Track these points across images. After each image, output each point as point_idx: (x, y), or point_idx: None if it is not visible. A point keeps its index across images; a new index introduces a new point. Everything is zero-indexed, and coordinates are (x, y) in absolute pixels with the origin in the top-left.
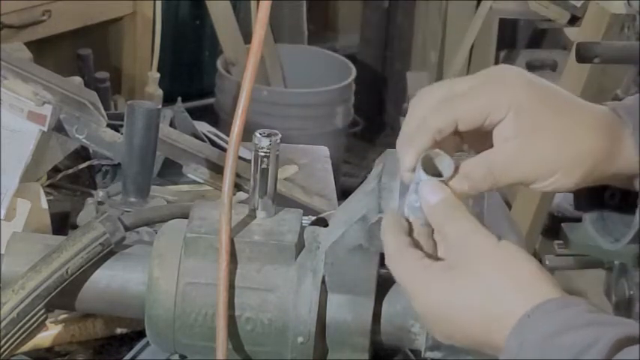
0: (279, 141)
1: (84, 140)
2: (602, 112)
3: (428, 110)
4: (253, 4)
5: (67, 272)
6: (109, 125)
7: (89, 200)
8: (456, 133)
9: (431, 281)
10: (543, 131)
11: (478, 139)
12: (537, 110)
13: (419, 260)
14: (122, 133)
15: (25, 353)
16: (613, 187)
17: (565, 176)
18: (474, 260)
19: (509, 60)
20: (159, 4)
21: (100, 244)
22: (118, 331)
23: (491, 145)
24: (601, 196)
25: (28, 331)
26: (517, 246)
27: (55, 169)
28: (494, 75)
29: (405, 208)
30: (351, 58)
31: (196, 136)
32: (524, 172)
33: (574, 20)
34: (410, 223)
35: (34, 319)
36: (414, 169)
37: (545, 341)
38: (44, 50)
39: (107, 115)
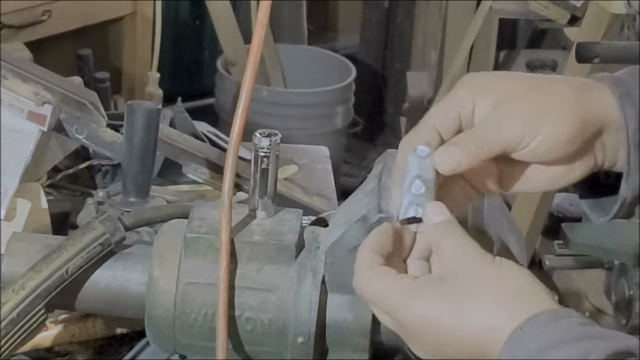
0: (279, 141)
1: (84, 140)
2: (575, 77)
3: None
4: (253, 4)
5: (67, 272)
6: (109, 125)
7: (89, 200)
8: (463, 176)
9: (415, 296)
10: (517, 93)
11: (484, 181)
12: (504, 83)
13: (395, 276)
14: (122, 133)
15: (25, 353)
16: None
17: (554, 128)
18: (467, 276)
19: (509, 60)
20: (159, 4)
21: (100, 244)
22: (118, 331)
23: (499, 187)
24: (597, 179)
25: (28, 331)
26: (510, 260)
27: (55, 169)
28: (458, 82)
29: (406, 206)
30: (351, 58)
31: (196, 136)
32: (510, 131)
33: (574, 20)
34: (393, 243)
35: (34, 319)
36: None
37: (536, 356)
38: (44, 50)
39: (107, 115)
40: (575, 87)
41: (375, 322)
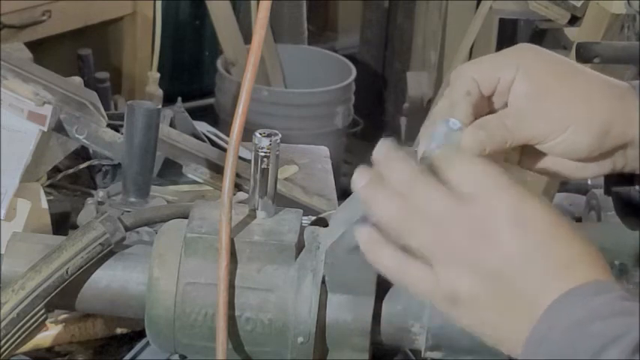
0: (279, 141)
1: (84, 140)
2: (615, 80)
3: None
4: (253, 4)
5: (67, 272)
6: (109, 125)
7: (89, 200)
8: (514, 149)
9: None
10: (554, 89)
11: (534, 155)
12: (547, 71)
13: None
14: (122, 133)
15: (25, 353)
16: None
17: (578, 133)
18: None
19: None
20: (159, 4)
21: (100, 244)
22: (118, 331)
23: (545, 160)
24: (631, 181)
25: (28, 331)
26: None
27: (55, 169)
28: (510, 48)
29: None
30: (351, 58)
31: (196, 136)
32: (536, 127)
33: (574, 20)
34: None
35: (34, 319)
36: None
37: (574, 327)
38: (44, 50)
39: (107, 115)
40: (610, 96)
41: (375, 322)
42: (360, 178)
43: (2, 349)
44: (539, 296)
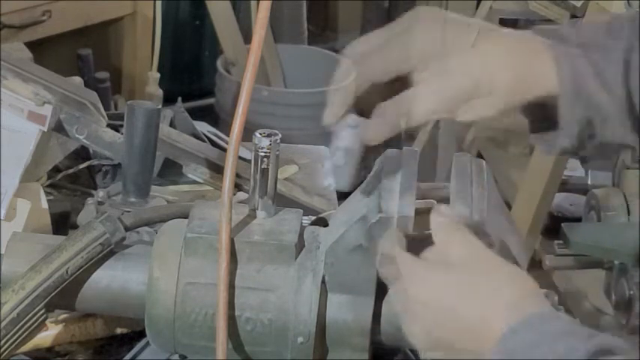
0: (279, 141)
1: (84, 140)
2: (518, 36)
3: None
4: (253, 4)
5: (67, 272)
6: (109, 125)
7: (89, 200)
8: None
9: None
10: (453, 69)
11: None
12: (445, 52)
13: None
14: (122, 133)
15: (25, 353)
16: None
17: (484, 101)
18: (475, 270)
19: None
20: (159, 4)
21: (100, 244)
22: (118, 331)
23: None
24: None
25: (28, 331)
26: (509, 262)
27: (55, 169)
28: (407, 24)
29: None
30: None
31: (196, 136)
32: (439, 105)
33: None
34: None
35: (34, 319)
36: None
37: (527, 351)
38: (44, 50)
39: (107, 115)
40: (519, 53)
41: (375, 322)
42: None
43: (2, 349)
44: (490, 329)
